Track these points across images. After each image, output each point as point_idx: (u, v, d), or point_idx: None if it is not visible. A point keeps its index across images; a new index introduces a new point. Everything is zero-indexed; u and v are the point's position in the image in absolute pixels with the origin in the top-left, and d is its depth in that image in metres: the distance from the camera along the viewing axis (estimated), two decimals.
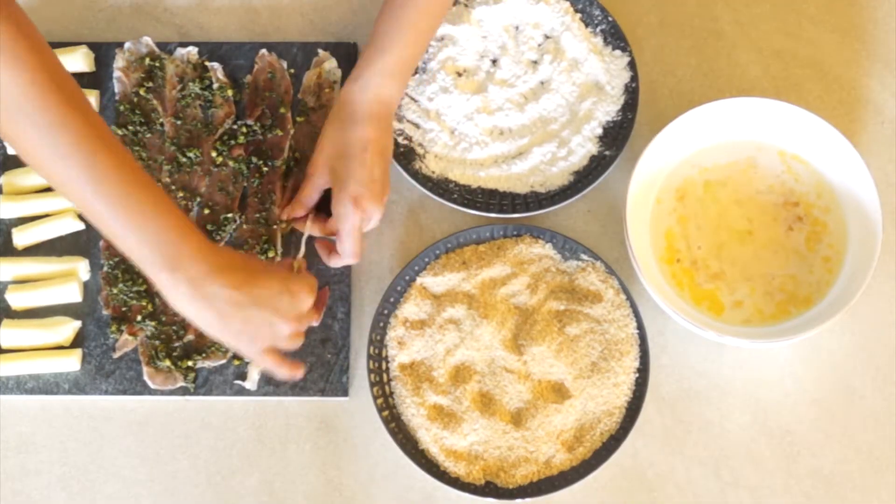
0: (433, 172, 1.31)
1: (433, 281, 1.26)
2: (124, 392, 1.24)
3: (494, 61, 1.36)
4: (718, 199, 1.28)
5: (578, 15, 1.37)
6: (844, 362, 1.25)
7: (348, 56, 1.36)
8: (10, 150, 1.32)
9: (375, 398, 1.21)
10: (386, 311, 1.25)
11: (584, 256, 1.26)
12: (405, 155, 1.32)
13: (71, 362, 1.23)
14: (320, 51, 1.37)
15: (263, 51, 1.36)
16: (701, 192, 1.28)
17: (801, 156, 1.29)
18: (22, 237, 1.28)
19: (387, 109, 1.23)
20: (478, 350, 1.23)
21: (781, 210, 1.28)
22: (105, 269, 1.28)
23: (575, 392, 1.21)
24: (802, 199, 1.28)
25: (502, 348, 1.23)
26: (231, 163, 1.32)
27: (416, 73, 1.36)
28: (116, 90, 1.35)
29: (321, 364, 1.24)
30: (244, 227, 1.30)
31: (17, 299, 1.26)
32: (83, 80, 1.35)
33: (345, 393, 1.24)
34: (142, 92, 1.34)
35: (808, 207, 1.28)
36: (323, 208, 1.24)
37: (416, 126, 1.34)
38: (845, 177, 1.26)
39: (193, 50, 1.36)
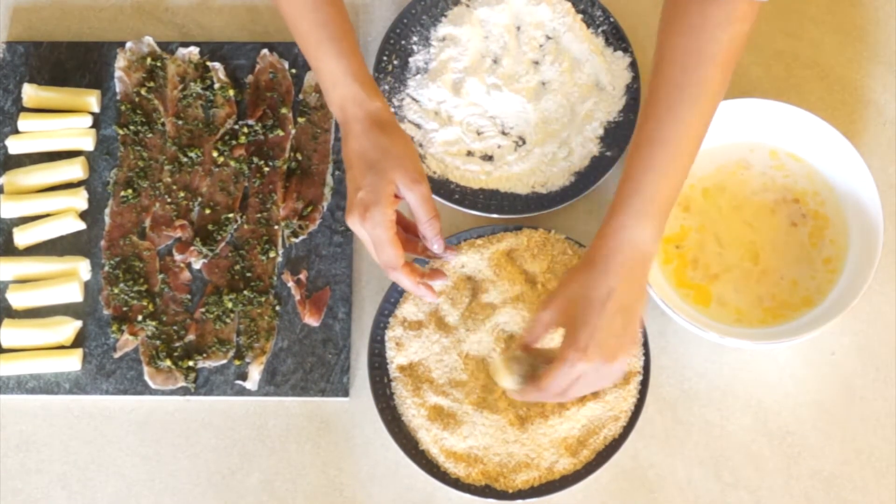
0: (434, 173, 1.31)
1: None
2: (125, 392, 1.24)
3: (496, 61, 1.36)
4: (720, 199, 1.28)
5: (580, 16, 1.37)
6: (845, 363, 1.25)
7: None
8: (11, 150, 1.32)
9: (376, 398, 1.21)
10: (386, 312, 1.25)
11: None
12: None
13: (72, 362, 1.23)
14: None
15: (265, 51, 1.37)
16: (702, 193, 1.28)
17: (802, 156, 1.29)
18: (23, 237, 1.28)
19: (640, 257, 1.08)
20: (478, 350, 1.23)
21: (783, 211, 1.28)
22: (106, 268, 1.28)
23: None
24: (804, 199, 1.28)
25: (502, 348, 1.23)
26: (232, 163, 1.32)
27: (416, 73, 1.36)
28: (118, 90, 1.35)
29: (322, 364, 1.25)
30: (245, 227, 1.30)
31: (18, 299, 1.26)
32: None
33: (345, 393, 1.24)
34: (143, 92, 1.35)
35: (809, 208, 1.27)
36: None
37: (418, 126, 1.34)
38: (846, 178, 1.26)
39: (195, 50, 1.37)
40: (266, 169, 1.32)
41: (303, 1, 1.13)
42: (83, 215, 1.30)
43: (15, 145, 1.32)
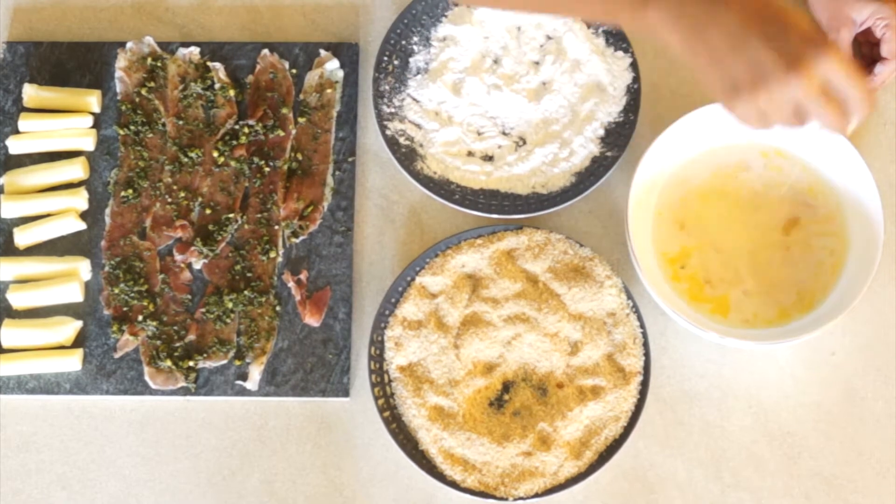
0: (435, 173, 1.31)
1: (432, 280, 1.26)
2: (125, 392, 1.24)
3: (496, 61, 1.36)
4: (720, 200, 1.28)
5: None
6: (845, 364, 1.25)
7: (350, 56, 1.37)
8: (11, 150, 1.32)
9: (376, 399, 1.21)
10: (387, 312, 1.25)
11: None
12: (407, 155, 1.32)
13: (72, 362, 1.23)
14: (322, 51, 1.37)
15: (265, 51, 1.37)
16: (703, 193, 1.28)
17: (803, 158, 1.29)
18: (23, 237, 1.28)
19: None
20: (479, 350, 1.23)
21: (783, 211, 1.27)
22: (106, 268, 1.28)
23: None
24: (804, 200, 1.28)
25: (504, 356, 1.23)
26: (233, 163, 1.32)
27: (417, 73, 1.36)
28: (118, 90, 1.35)
29: (322, 365, 1.24)
30: (245, 227, 1.30)
31: (19, 299, 1.26)
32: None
33: (346, 393, 1.24)
34: (143, 92, 1.35)
35: (809, 209, 1.27)
36: None
37: (418, 126, 1.34)
38: (847, 178, 1.26)
39: (195, 50, 1.37)
40: (266, 169, 1.32)
41: None
42: (83, 215, 1.30)
43: (15, 145, 1.32)
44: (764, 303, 1.24)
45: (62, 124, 1.33)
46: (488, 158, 1.33)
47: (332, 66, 1.36)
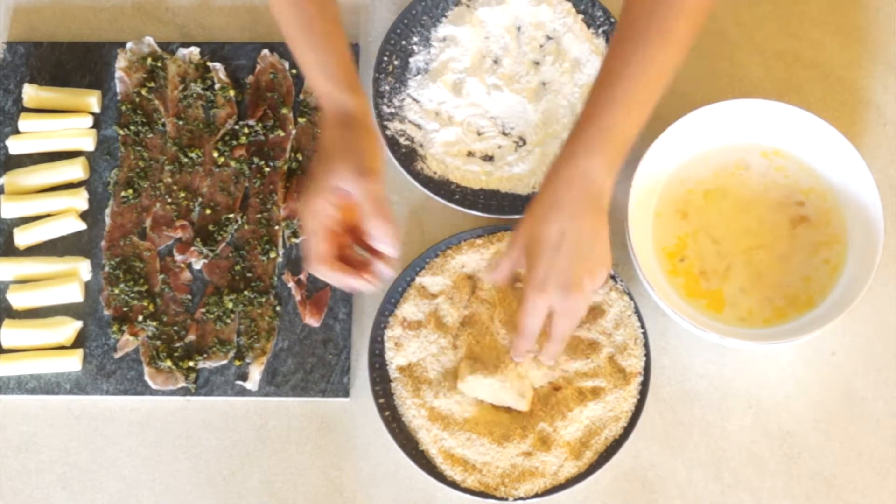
0: (435, 173, 1.31)
1: (432, 281, 1.26)
2: (125, 392, 1.24)
3: (496, 62, 1.36)
4: (720, 200, 1.28)
5: (580, 16, 1.37)
6: (845, 364, 1.25)
7: None
8: (11, 150, 1.32)
9: (376, 399, 1.21)
10: (386, 312, 1.25)
11: None
12: (407, 156, 1.32)
13: (72, 362, 1.23)
14: None
15: (265, 51, 1.37)
16: (702, 194, 1.28)
17: (803, 158, 1.29)
18: (23, 237, 1.28)
19: (594, 190, 1.06)
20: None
21: (783, 212, 1.28)
22: (106, 269, 1.28)
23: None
24: (804, 200, 1.28)
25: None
26: (233, 163, 1.32)
27: (417, 73, 1.36)
28: (118, 90, 1.35)
29: (322, 365, 1.24)
30: (245, 227, 1.30)
31: (19, 299, 1.26)
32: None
33: (346, 394, 1.24)
34: (143, 92, 1.35)
35: (809, 209, 1.27)
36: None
37: (418, 127, 1.34)
38: (847, 178, 1.26)
39: (195, 50, 1.37)
40: (267, 169, 1.32)
41: (287, 4, 1.14)
42: (83, 215, 1.30)
43: (15, 145, 1.32)
44: (759, 301, 1.24)
45: (62, 124, 1.33)
46: (488, 158, 1.33)
47: None
